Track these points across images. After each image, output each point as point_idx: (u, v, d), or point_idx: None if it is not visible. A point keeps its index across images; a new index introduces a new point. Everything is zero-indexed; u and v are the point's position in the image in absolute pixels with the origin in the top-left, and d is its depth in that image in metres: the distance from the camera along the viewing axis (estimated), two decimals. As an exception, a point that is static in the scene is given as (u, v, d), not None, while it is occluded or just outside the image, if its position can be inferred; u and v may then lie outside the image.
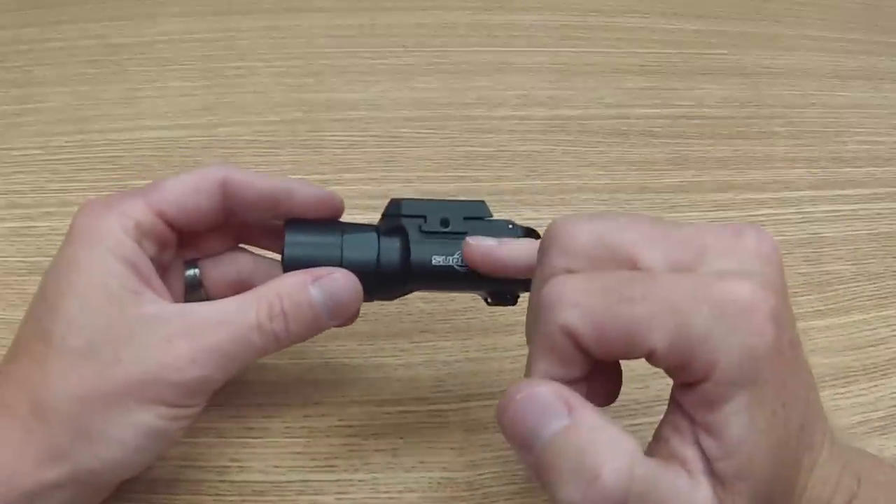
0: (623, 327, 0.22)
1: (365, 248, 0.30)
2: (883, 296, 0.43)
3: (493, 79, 0.53)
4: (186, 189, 0.30)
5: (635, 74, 0.55)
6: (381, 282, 0.30)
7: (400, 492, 0.33)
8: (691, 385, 0.22)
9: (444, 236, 0.30)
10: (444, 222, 0.30)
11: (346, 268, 0.29)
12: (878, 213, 0.47)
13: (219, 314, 0.28)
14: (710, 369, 0.22)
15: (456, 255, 0.30)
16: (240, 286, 0.32)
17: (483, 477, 0.33)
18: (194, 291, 0.32)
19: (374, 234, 0.30)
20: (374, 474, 0.33)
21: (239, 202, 0.30)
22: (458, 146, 0.48)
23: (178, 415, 0.27)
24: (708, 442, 0.22)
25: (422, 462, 0.34)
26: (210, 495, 0.32)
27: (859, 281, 0.43)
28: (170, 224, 0.29)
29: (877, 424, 0.37)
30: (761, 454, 0.22)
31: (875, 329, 0.41)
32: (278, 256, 0.30)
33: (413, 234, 0.30)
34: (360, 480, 0.33)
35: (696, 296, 0.22)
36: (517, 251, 0.28)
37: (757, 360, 0.22)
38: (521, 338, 0.38)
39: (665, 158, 0.49)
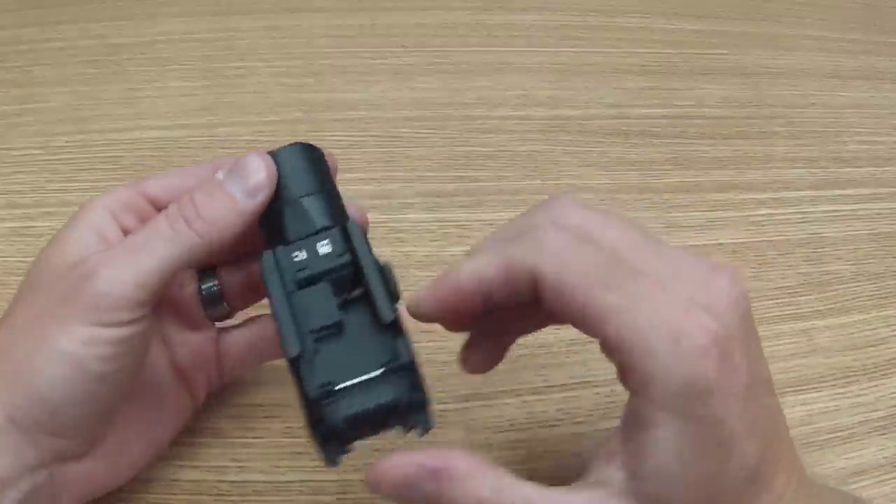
0: (589, 304, 0.23)
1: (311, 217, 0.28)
2: (883, 296, 0.43)
3: (493, 79, 0.53)
4: (174, 172, 0.30)
5: (635, 74, 0.55)
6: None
7: (400, 492, 0.33)
8: (630, 394, 0.23)
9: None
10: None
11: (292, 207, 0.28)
12: (878, 213, 0.47)
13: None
14: (645, 384, 0.22)
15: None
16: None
17: (483, 477, 0.33)
18: (215, 306, 0.32)
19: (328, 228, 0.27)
20: (375, 474, 0.33)
21: None
22: (458, 146, 0.48)
23: (93, 337, 0.26)
24: (632, 461, 0.23)
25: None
26: (210, 495, 0.32)
27: (859, 281, 0.43)
28: (154, 202, 0.29)
29: (877, 424, 0.37)
30: (683, 486, 0.23)
31: (875, 329, 0.41)
32: None
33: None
34: (360, 480, 0.33)
35: (662, 313, 0.23)
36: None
37: (695, 396, 0.22)
38: (521, 338, 0.38)
39: (665, 158, 0.49)
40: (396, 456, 0.24)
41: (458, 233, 0.44)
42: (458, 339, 0.38)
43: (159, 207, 0.29)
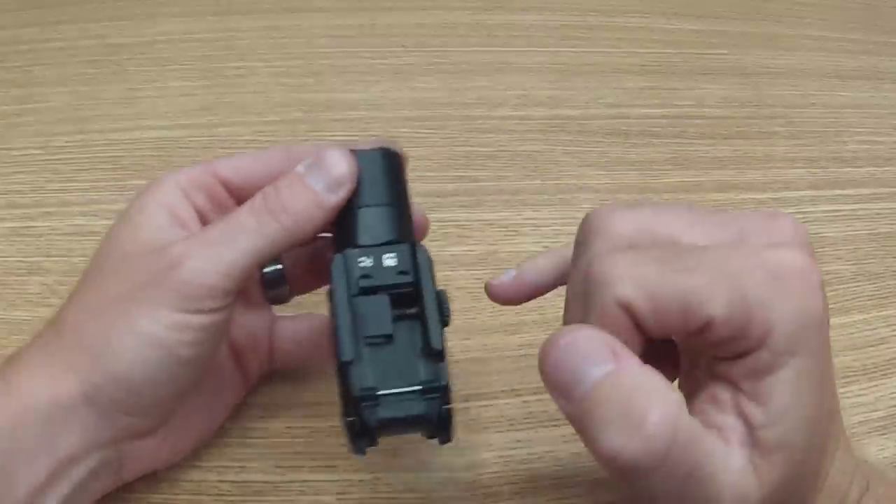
0: (679, 297, 0.22)
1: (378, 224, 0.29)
2: (883, 296, 0.43)
3: (493, 79, 0.53)
4: (245, 155, 0.30)
5: (635, 74, 0.55)
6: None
7: (400, 492, 0.33)
8: (739, 356, 0.22)
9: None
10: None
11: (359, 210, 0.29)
12: (878, 213, 0.47)
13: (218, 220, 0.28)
14: (765, 336, 0.21)
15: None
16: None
17: (483, 477, 0.33)
18: (276, 288, 0.32)
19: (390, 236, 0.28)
20: (375, 474, 0.33)
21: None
22: (458, 146, 0.48)
23: (180, 322, 0.26)
24: (753, 410, 0.22)
25: (422, 462, 0.34)
26: (210, 495, 0.32)
27: (859, 281, 0.43)
28: (225, 183, 0.30)
29: (877, 424, 0.37)
30: (802, 425, 0.22)
31: (875, 329, 0.41)
32: None
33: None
34: (360, 480, 0.33)
35: (749, 262, 0.22)
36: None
37: (809, 328, 0.22)
38: (521, 338, 0.38)
39: (665, 158, 0.49)
40: (574, 329, 0.22)
41: (458, 233, 0.44)
42: (457, 340, 0.38)
43: (230, 188, 0.30)
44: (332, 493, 0.33)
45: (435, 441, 0.27)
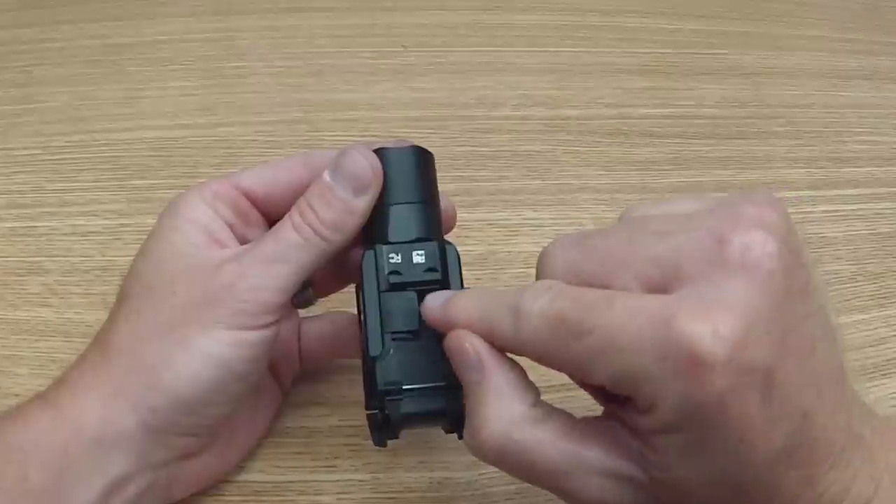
0: (570, 362, 0.23)
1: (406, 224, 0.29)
2: (883, 296, 0.43)
3: (493, 79, 0.53)
4: (266, 165, 0.31)
5: (635, 74, 0.55)
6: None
7: (400, 492, 0.33)
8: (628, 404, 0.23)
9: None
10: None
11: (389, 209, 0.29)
12: (878, 213, 0.47)
13: (263, 236, 0.29)
14: (650, 409, 0.21)
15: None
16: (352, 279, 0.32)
17: (483, 477, 0.33)
18: (302, 292, 0.32)
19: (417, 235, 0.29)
20: (375, 474, 0.33)
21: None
22: (458, 146, 0.48)
23: (238, 339, 0.27)
24: (644, 449, 0.23)
25: (422, 462, 0.34)
26: (210, 495, 0.32)
27: (859, 281, 0.43)
28: (248, 194, 0.30)
29: (877, 424, 0.37)
30: (698, 480, 0.22)
31: (875, 329, 0.41)
32: None
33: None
34: (360, 480, 0.33)
35: (644, 334, 0.21)
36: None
37: (699, 409, 0.20)
38: (521, 338, 0.38)
39: (665, 158, 0.49)
40: (464, 333, 0.25)
41: (457, 233, 0.43)
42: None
43: (253, 199, 0.30)
44: (332, 493, 0.33)
45: (435, 441, 0.27)
